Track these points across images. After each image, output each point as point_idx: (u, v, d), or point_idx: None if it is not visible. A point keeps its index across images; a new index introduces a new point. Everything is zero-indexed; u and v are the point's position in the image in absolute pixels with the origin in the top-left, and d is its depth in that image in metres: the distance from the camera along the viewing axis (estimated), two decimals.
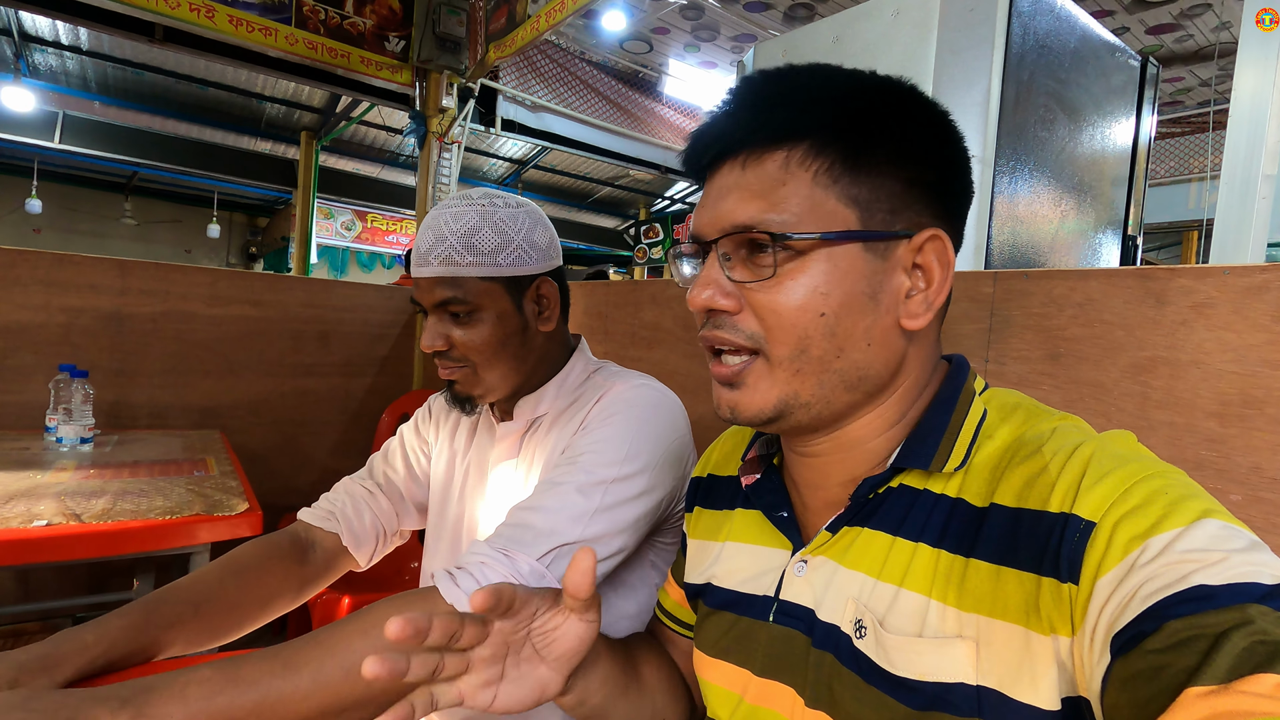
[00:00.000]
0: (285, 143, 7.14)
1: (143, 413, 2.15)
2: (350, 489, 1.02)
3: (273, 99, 6.29)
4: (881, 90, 0.52)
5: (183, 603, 0.76)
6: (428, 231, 0.86)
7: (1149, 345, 0.77)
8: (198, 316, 2.24)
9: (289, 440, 2.44)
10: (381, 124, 6.74)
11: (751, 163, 0.52)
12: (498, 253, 0.86)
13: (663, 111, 6.62)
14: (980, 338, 0.92)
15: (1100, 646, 0.39)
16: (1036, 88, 1.40)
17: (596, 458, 0.79)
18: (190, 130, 6.74)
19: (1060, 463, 0.46)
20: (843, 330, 0.50)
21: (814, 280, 0.50)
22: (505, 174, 8.34)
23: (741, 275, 0.52)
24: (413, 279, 0.88)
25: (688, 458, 0.87)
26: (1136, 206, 1.67)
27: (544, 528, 0.74)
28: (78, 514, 1.15)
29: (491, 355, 0.86)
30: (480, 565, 0.71)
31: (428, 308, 0.87)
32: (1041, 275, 0.87)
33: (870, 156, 0.51)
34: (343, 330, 2.52)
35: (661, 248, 8.93)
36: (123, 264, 2.11)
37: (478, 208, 0.86)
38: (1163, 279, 0.76)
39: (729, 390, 0.54)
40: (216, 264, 10.09)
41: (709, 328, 0.54)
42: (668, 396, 0.88)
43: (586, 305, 1.79)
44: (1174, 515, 0.40)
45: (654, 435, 0.82)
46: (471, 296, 0.84)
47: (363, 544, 0.97)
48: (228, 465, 1.63)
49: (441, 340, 0.86)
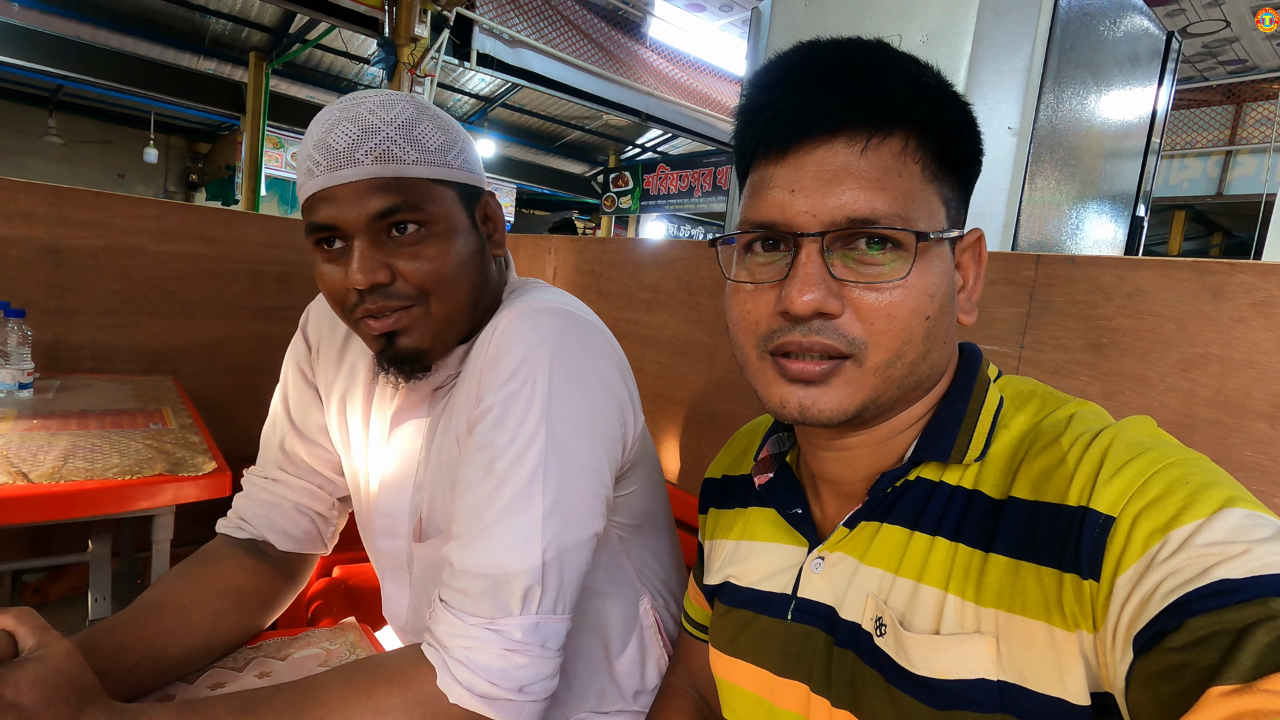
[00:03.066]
0: (232, 63, 6.64)
1: (85, 355, 1.99)
2: (251, 492, 0.84)
3: (218, 14, 5.81)
4: (950, 87, 0.52)
5: (145, 642, 0.65)
6: (345, 125, 0.63)
7: (1201, 341, 0.75)
8: (145, 252, 2.06)
9: (247, 388, 2.30)
10: (342, 49, 6.31)
11: (873, 146, 0.47)
12: (445, 151, 0.67)
13: (645, 54, 6.37)
14: (1017, 322, 0.89)
15: (1122, 644, 0.38)
16: (1076, 57, 1.33)
17: (510, 444, 0.62)
18: (125, 43, 6.16)
19: (1078, 453, 0.45)
20: (936, 333, 0.49)
21: (925, 282, 0.48)
22: (470, 111, 7.98)
23: (851, 274, 0.48)
24: (317, 193, 0.64)
25: (626, 391, 0.71)
26: (1147, 181, 1.65)
27: (503, 573, 0.61)
28: (25, 473, 1.04)
29: (454, 282, 0.67)
30: (468, 653, 0.60)
31: (355, 226, 0.63)
32: (1088, 262, 0.84)
33: (956, 155, 0.50)
34: (305, 272, 2.37)
35: (631, 197, 8.75)
36: (58, 191, 1.91)
37: (403, 98, 0.67)
38: (1222, 273, 0.74)
39: (805, 389, 0.49)
40: (154, 191, 9.45)
41: (800, 332, 0.48)
42: (575, 320, 0.68)
43: (578, 262, 1.71)
44: (1195, 506, 0.38)
45: (570, 380, 0.64)
46: (427, 203, 0.65)
47: (301, 538, 0.82)
48: (186, 418, 1.51)
49: (384, 271, 0.64)
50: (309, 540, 0.84)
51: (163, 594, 0.70)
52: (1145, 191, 1.63)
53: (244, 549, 0.79)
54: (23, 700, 0.48)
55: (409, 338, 0.67)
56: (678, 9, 6.14)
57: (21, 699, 0.48)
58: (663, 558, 0.87)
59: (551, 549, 0.62)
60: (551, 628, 0.63)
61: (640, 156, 9.49)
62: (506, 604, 0.61)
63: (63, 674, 0.51)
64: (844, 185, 0.46)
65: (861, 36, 0.51)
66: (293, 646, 0.75)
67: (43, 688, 0.49)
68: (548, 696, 0.64)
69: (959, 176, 0.51)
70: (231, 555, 0.78)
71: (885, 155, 0.47)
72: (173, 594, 0.70)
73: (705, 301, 1.35)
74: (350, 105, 0.65)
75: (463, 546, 0.63)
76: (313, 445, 0.85)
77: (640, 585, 0.83)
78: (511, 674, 0.60)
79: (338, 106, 0.66)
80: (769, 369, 0.50)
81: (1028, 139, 1.25)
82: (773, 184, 0.48)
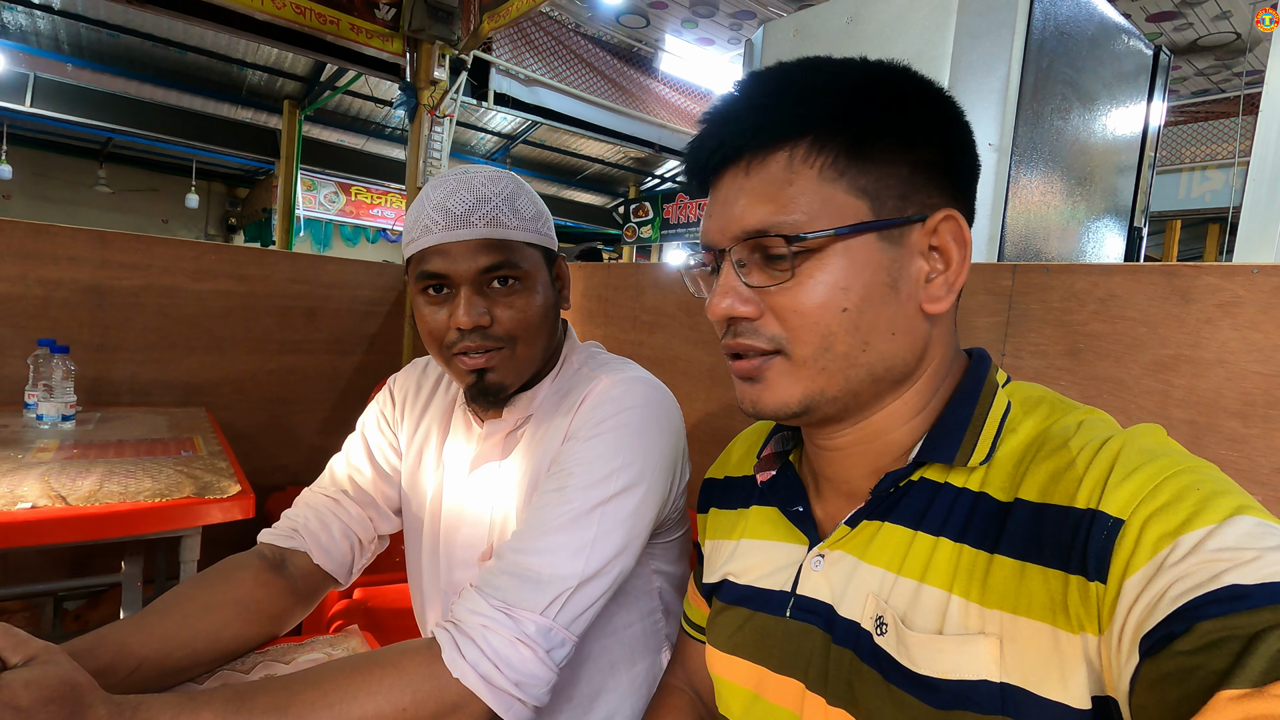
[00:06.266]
0: (267, 111, 6.95)
1: (124, 389, 2.09)
2: (311, 501, 0.90)
3: (255, 65, 6.10)
4: (875, 76, 0.52)
5: (148, 645, 0.67)
6: (462, 192, 0.77)
7: (1172, 343, 0.77)
8: (181, 291, 2.17)
9: (276, 419, 2.39)
10: (368, 94, 6.58)
11: (755, 166, 0.51)
12: (538, 220, 0.81)
13: (658, 88, 6.53)
14: (997, 331, 0.91)
15: (1128, 647, 0.38)
16: (1055, 75, 1.37)
17: (587, 476, 0.72)
18: (168, 96, 6.51)
19: (1088, 457, 0.45)
20: (866, 323, 0.50)
21: (833, 276, 0.49)
22: (494, 149, 8.20)
23: (758, 280, 0.52)
24: (433, 246, 0.77)
25: (681, 451, 0.83)
26: (1143, 195, 1.66)
27: (543, 575, 0.68)
28: (63, 496, 1.11)
29: (536, 331, 0.79)
30: (483, 630, 0.65)
31: (465, 277, 0.76)
32: (1062, 269, 0.86)
33: (873, 144, 0.50)
34: (330, 307, 2.47)
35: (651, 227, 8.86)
36: (103, 235, 2.04)
37: (506, 175, 0.81)
38: (1188, 276, 0.76)
39: (750, 385, 0.54)
40: (195, 235, 9.86)
41: (731, 336, 0.54)
42: (658, 389, 0.82)
43: (585, 287, 1.76)
44: (1205, 512, 0.38)
45: (647, 437, 0.76)
46: (522, 262, 0.77)
47: (336, 559, 0.87)
48: (216, 445, 1.59)
49: (485, 315, 0.76)
50: (340, 565, 0.88)
51: (174, 599, 0.73)
52: (1142, 205, 1.64)
53: (268, 563, 0.83)
54: (20, 702, 0.49)
55: (497, 374, 0.78)
56: (688, 43, 6.29)
57: (18, 701, 0.49)
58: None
59: (590, 570, 0.69)
60: (560, 639, 0.67)
61: (660, 187, 9.64)
62: (533, 600, 0.66)
63: (56, 674, 0.52)
64: (737, 203, 0.51)
65: (795, 58, 0.55)
66: (298, 652, 0.78)
67: (37, 689, 0.50)
68: (538, 707, 0.66)
69: (901, 162, 0.50)
70: (252, 567, 0.81)
71: (771, 169, 0.50)
72: (183, 599, 0.73)
73: (704, 322, 1.39)
74: (465, 177, 0.78)
75: (516, 547, 0.71)
76: (380, 479, 0.93)
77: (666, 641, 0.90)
78: (515, 665, 0.64)
79: (453, 176, 0.79)
80: (731, 369, 0.55)
81: (1008, 154, 1.28)
82: (705, 211, 0.56)
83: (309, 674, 0.61)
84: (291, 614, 0.82)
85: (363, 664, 0.62)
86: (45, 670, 0.52)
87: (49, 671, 0.52)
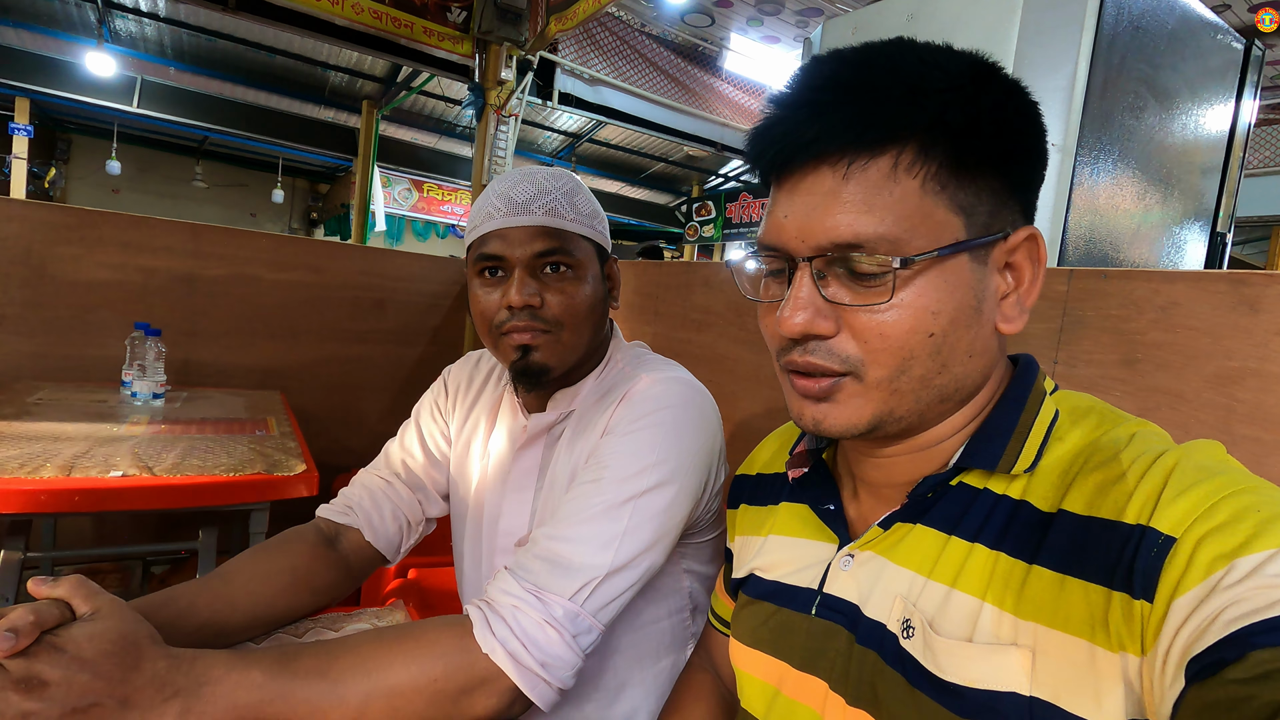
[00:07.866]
0: (347, 111, 7.30)
1: (209, 371, 2.25)
2: (366, 481, 0.96)
3: (337, 68, 6.42)
4: (982, 78, 0.47)
5: (211, 607, 0.72)
6: (524, 184, 0.82)
7: (1238, 355, 0.72)
8: (262, 280, 2.32)
9: (343, 404, 2.52)
10: (441, 94, 6.81)
11: (856, 168, 0.46)
12: (594, 218, 0.85)
13: (722, 87, 6.49)
14: (1049, 338, 0.88)
15: (1174, 670, 0.36)
16: (1127, 72, 1.30)
17: (621, 470, 0.74)
18: (258, 97, 6.95)
19: (1140, 471, 0.43)
20: (948, 346, 0.47)
21: (925, 300, 0.46)
22: (559, 147, 8.34)
23: (841, 295, 0.47)
24: (493, 231, 0.81)
25: (718, 452, 0.83)
26: (1229, 199, 1.55)
27: (573, 562, 0.70)
28: (150, 466, 1.22)
29: (583, 318, 0.82)
30: (514, 610, 0.67)
31: (521, 260, 0.80)
32: (1121, 275, 0.82)
33: (977, 157, 0.46)
34: (397, 299, 2.58)
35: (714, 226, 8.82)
36: (195, 228, 2.20)
37: (567, 174, 0.85)
38: (1258, 285, 0.71)
39: (815, 403, 0.50)
40: (280, 228, 10.43)
41: (800, 352, 0.49)
42: (697, 390, 0.83)
43: (637, 285, 1.78)
44: (1266, 535, 0.36)
45: (683, 437, 0.78)
46: (576, 251, 0.82)
47: (385, 538, 0.92)
48: (287, 426, 1.69)
49: (536, 296, 0.79)
50: (389, 544, 0.93)
51: (236, 566, 0.79)
52: (1228, 209, 1.52)
53: (323, 537, 0.88)
54: (84, 654, 0.52)
55: (541, 354, 0.81)
56: (753, 41, 6.22)
57: (83, 653, 0.52)
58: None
59: (619, 562, 0.71)
60: (587, 625, 0.69)
61: (723, 186, 9.58)
62: (562, 585, 0.69)
63: (118, 628, 0.55)
64: (829, 210, 0.46)
65: (881, 40, 0.49)
66: (347, 621, 0.84)
67: (101, 641, 0.53)
68: (563, 690, 0.68)
69: (997, 175, 0.47)
70: (308, 540, 0.87)
71: (873, 175, 0.46)
72: (245, 566, 0.79)
73: (752, 322, 1.38)
74: (529, 172, 0.83)
75: (549, 534, 0.73)
76: (431, 465, 0.98)
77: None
78: (542, 645, 0.66)
79: (518, 171, 0.84)
80: (787, 382, 0.52)
81: (1072, 155, 1.22)
82: (774, 209, 0.50)
83: (349, 640, 0.65)
84: (340, 586, 0.87)
85: (399, 635, 0.66)
86: (108, 625, 0.55)
87: (110, 625, 0.55)
